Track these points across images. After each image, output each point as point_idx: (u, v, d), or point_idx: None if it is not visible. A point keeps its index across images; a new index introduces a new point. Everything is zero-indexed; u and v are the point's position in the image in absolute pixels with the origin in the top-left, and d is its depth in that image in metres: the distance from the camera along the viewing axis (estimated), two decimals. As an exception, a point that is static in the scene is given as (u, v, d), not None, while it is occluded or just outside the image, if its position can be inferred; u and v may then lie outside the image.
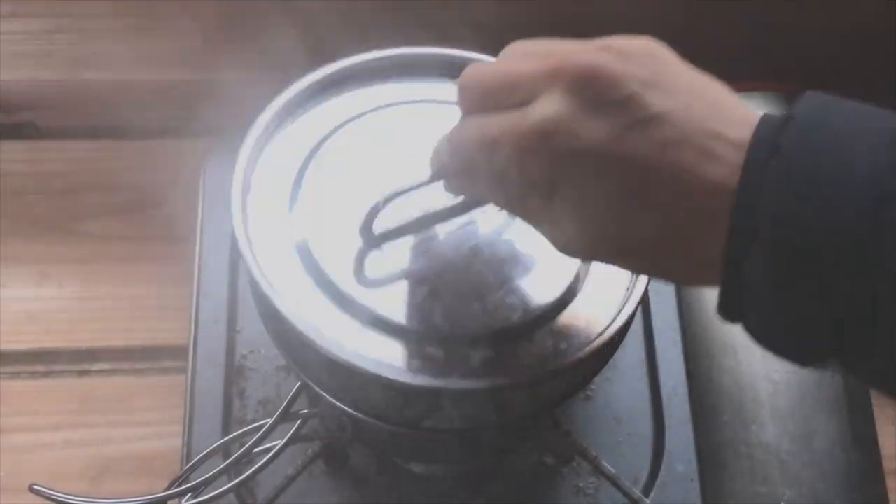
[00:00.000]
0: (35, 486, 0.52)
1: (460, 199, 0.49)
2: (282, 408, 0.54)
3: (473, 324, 0.48)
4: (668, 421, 0.65)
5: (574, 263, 0.51)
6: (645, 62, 0.37)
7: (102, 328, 0.74)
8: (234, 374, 0.67)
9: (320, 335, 0.46)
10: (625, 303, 0.51)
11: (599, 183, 0.38)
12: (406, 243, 0.50)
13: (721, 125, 0.36)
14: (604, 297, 0.51)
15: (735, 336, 0.69)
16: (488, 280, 0.50)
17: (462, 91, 0.43)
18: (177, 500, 0.55)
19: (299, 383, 0.54)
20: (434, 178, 0.46)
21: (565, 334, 0.50)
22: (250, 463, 0.56)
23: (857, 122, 0.35)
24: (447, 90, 0.55)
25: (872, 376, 0.36)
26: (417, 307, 0.49)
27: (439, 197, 0.49)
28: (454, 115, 0.44)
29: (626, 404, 0.66)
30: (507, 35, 0.44)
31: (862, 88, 0.40)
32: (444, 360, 0.48)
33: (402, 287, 0.49)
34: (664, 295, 0.69)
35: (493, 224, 0.51)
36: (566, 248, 0.41)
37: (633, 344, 0.68)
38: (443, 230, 0.51)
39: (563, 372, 0.49)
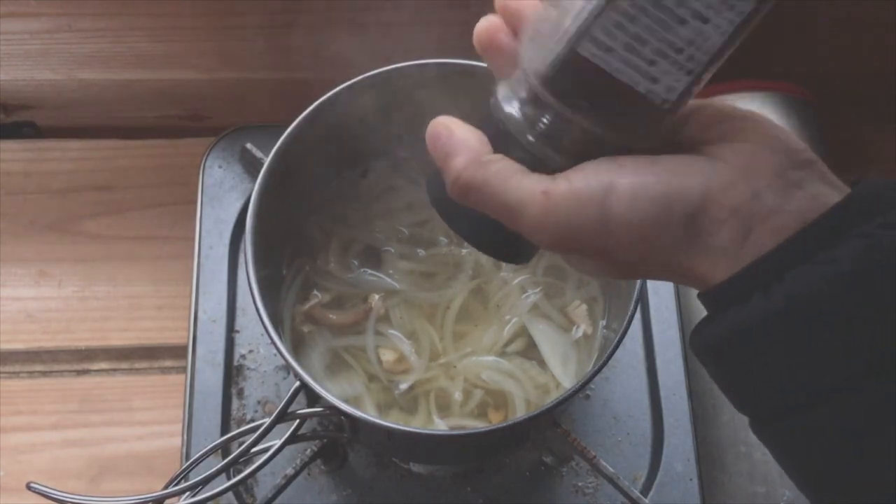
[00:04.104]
0: (33, 485, 0.52)
1: None
2: (280, 407, 0.54)
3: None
4: (667, 421, 0.65)
5: None
6: None
7: (102, 328, 0.74)
8: (233, 373, 0.67)
9: None
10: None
11: None
12: None
13: None
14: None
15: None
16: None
17: None
18: (175, 499, 0.55)
19: (298, 383, 0.53)
20: None
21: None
22: (249, 462, 0.56)
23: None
24: None
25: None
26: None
27: None
28: None
29: (625, 404, 0.66)
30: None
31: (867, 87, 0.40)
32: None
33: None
34: (664, 295, 0.69)
35: None
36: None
37: (633, 344, 0.68)
38: None
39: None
